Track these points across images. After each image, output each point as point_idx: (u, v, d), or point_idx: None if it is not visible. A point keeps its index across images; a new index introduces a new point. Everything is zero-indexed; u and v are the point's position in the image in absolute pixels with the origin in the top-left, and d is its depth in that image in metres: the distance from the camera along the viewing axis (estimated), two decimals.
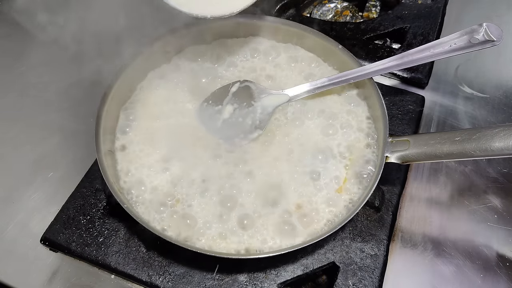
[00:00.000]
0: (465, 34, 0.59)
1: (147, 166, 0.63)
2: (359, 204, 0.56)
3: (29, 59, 0.86)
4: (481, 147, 0.51)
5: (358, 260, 0.60)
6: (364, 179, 0.62)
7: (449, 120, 0.76)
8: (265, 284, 0.58)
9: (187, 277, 0.59)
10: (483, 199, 0.66)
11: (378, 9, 0.96)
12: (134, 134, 0.66)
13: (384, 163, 0.59)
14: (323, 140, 0.66)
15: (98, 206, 0.65)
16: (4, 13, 0.95)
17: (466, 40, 0.59)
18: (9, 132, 0.76)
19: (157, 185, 0.62)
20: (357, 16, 0.96)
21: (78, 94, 0.81)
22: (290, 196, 0.61)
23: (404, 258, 0.62)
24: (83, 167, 0.69)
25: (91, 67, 0.68)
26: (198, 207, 0.60)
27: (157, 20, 0.74)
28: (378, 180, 0.57)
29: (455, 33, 0.60)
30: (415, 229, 0.64)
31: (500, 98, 0.79)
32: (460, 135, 0.54)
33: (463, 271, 0.60)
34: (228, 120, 0.67)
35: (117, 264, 0.60)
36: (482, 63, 0.83)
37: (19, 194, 0.68)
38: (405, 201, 0.67)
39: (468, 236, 0.63)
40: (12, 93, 0.81)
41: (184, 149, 0.64)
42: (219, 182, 0.61)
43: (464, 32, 0.59)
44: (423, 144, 0.57)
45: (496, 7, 0.93)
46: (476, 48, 0.58)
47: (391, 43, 0.90)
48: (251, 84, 0.68)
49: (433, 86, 0.81)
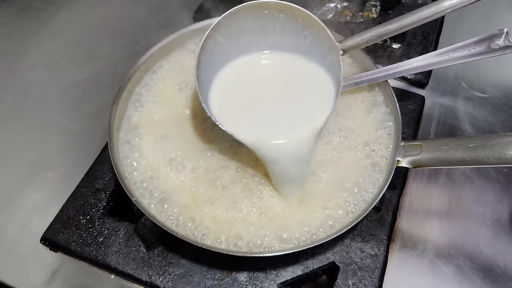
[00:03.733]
0: (485, 39, 0.57)
1: (156, 161, 0.63)
2: (366, 207, 0.56)
3: (29, 59, 0.86)
4: (495, 155, 0.50)
5: (358, 260, 0.60)
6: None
7: (449, 120, 0.76)
8: (265, 284, 0.58)
9: (187, 277, 0.59)
10: (483, 199, 0.66)
11: (378, 9, 0.96)
12: (144, 128, 0.66)
13: (395, 167, 0.58)
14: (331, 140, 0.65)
15: (98, 206, 0.65)
16: (4, 13, 0.95)
17: (486, 45, 0.56)
18: (9, 132, 0.76)
19: (166, 180, 0.61)
20: (357, 16, 0.96)
21: (78, 94, 0.81)
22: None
23: (404, 258, 0.62)
24: (83, 167, 0.69)
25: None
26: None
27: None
28: (388, 184, 0.57)
29: (474, 37, 0.58)
30: (415, 229, 0.64)
31: (500, 98, 0.79)
32: (474, 142, 0.53)
33: (463, 271, 0.60)
34: None
35: (117, 264, 0.60)
36: (482, 63, 0.83)
37: (19, 194, 0.68)
38: (405, 201, 0.67)
39: (468, 236, 0.63)
40: (12, 93, 0.81)
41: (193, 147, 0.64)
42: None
43: (484, 37, 0.57)
44: (436, 150, 0.55)
45: (497, 8, 0.93)
46: (495, 54, 0.56)
47: (391, 43, 0.90)
48: None
49: (433, 86, 0.81)
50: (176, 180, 0.61)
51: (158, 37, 0.70)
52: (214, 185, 0.61)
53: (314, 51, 0.62)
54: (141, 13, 0.94)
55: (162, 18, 0.93)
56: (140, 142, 0.64)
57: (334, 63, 0.59)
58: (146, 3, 0.96)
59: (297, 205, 0.60)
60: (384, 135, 0.64)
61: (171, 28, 0.73)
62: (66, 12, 0.95)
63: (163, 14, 0.94)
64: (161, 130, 0.65)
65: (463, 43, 0.59)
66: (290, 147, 0.56)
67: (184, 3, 0.96)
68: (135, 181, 0.60)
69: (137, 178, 0.61)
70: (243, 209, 0.59)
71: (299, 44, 0.62)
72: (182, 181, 0.61)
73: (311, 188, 0.61)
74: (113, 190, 0.67)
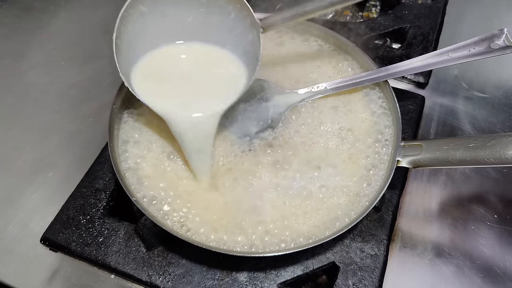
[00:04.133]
0: (485, 39, 0.57)
1: (155, 160, 0.63)
2: (367, 207, 0.56)
3: (29, 59, 0.86)
4: (495, 155, 0.50)
5: (358, 260, 0.60)
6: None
7: (449, 120, 0.76)
8: (265, 284, 0.58)
9: (187, 277, 0.59)
10: (483, 199, 0.66)
11: (378, 9, 0.97)
12: (144, 128, 0.66)
13: (395, 167, 0.58)
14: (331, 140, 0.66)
15: (98, 206, 0.65)
16: (4, 13, 0.95)
17: (486, 45, 0.57)
18: (9, 132, 0.76)
19: (166, 181, 0.61)
20: (357, 16, 0.96)
21: (78, 94, 0.81)
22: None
23: (404, 258, 0.62)
24: (83, 167, 0.69)
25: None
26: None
27: None
28: (388, 184, 0.57)
29: (474, 37, 0.58)
30: (415, 229, 0.64)
31: (500, 98, 0.79)
32: (474, 142, 0.53)
33: (463, 271, 0.60)
34: (239, 118, 0.67)
35: (117, 264, 0.60)
36: (482, 63, 0.83)
37: (19, 194, 0.68)
38: (405, 201, 0.67)
39: (468, 236, 0.63)
40: (12, 93, 0.81)
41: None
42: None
43: (484, 37, 0.57)
44: (436, 150, 0.55)
45: (496, 8, 0.94)
46: (495, 54, 0.56)
47: (391, 43, 0.90)
48: (264, 82, 0.68)
49: (433, 86, 0.81)
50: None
51: None
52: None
53: (238, 28, 0.61)
54: None
55: None
56: (140, 142, 0.64)
57: (255, 40, 0.60)
58: None
59: (207, 188, 0.61)
60: (384, 135, 0.64)
61: None
62: (66, 12, 0.95)
63: None
64: (161, 130, 0.65)
65: (463, 43, 0.59)
66: (191, 123, 0.59)
67: None
68: (135, 181, 0.60)
69: (137, 178, 0.61)
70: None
71: (223, 23, 0.62)
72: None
73: (312, 188, 0.61)
74: (113, 190, 0.67)
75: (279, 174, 0.62)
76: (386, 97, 0.67)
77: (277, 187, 0.61)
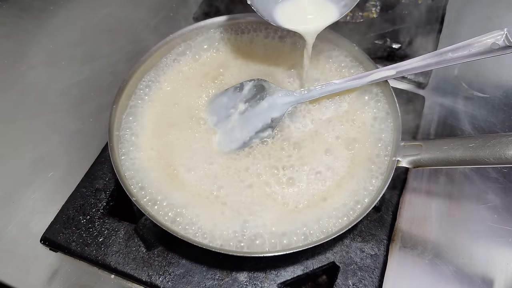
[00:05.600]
0: (485, 39, 0.57)
1: (155, 160, 0.63)
2: (366, 207, 0.56)
3: (29, 58, 0.86)
4: (495, 155, 0.50)
5: (358, 260, 0.60)
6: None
7: (449, 120, 0.76)
8: (265, 284, 0.58)
9: (187, 277, 0.59)
10: (483, 199, 0.66)
11: (378, 9, 0.96)
12: (141, 129, 0.66)
13: (395, 167, 0.58)
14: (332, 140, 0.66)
15: (98, 206, 0.65)
16: (4, 13, 0.95)
17: (486, 45, 0.57)
18: (9, 132, 0.76)
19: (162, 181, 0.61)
20: (357, 16, 0.96)
21: (78, 94, 0.81)
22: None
23: (404, 258, 0.62)
24: (83, 167, 0.69)
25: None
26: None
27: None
28: (388, 184, 0.57)
29: (474, 37, 0.58)
30: (415, 229, 0.64)
31: (500, 98, 0.79)
32: (474, 142, 0.53)
33: (463, 271, 0.60)
34: (239, 118, 0.67)
35: (117, 264, 0.60)
36: (482, 63, 0.83)
37: (19, 194, 0.68)
38: (405, 201, 0.67)
39: (468, 236, 0.63)
40: (12, 93, 0.81)
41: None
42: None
43: (484, 37, 0.57)
44: (436, 150, 0.55)
45: (496, 8, 0.93)
46: (496, 54, 0.56)
47: (391, 43, 0.90)
48: (264, 83, 0.68)
49: (433, 86, 0.81)
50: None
51: (158, 37, 0.70)
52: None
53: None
54: (141, 13, 0.94)
55: (162, 18, 0.93)
56: (141, 142, 0.64)
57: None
58: (146, 3, 0.96)
59: (207, 188, 0.62)
60: (384, 135, 0.64)
61: (171, 28, 0.73)
62: (66, 12, 0.95)
63: (163, 14, 0.94)
64: (161, 131, 0.65)
65: (463, 43, 0.59)
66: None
67: (184, 3, 0.96)
68: (135, 181, 0.60)
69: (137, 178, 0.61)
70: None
71: None
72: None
73: (312, 188, 0.61)
74: (113, 190, 0.67)
75: (278, 174, 0.62)
76: (386, 97, 0.67)
77: (277, 187, 0.61)
